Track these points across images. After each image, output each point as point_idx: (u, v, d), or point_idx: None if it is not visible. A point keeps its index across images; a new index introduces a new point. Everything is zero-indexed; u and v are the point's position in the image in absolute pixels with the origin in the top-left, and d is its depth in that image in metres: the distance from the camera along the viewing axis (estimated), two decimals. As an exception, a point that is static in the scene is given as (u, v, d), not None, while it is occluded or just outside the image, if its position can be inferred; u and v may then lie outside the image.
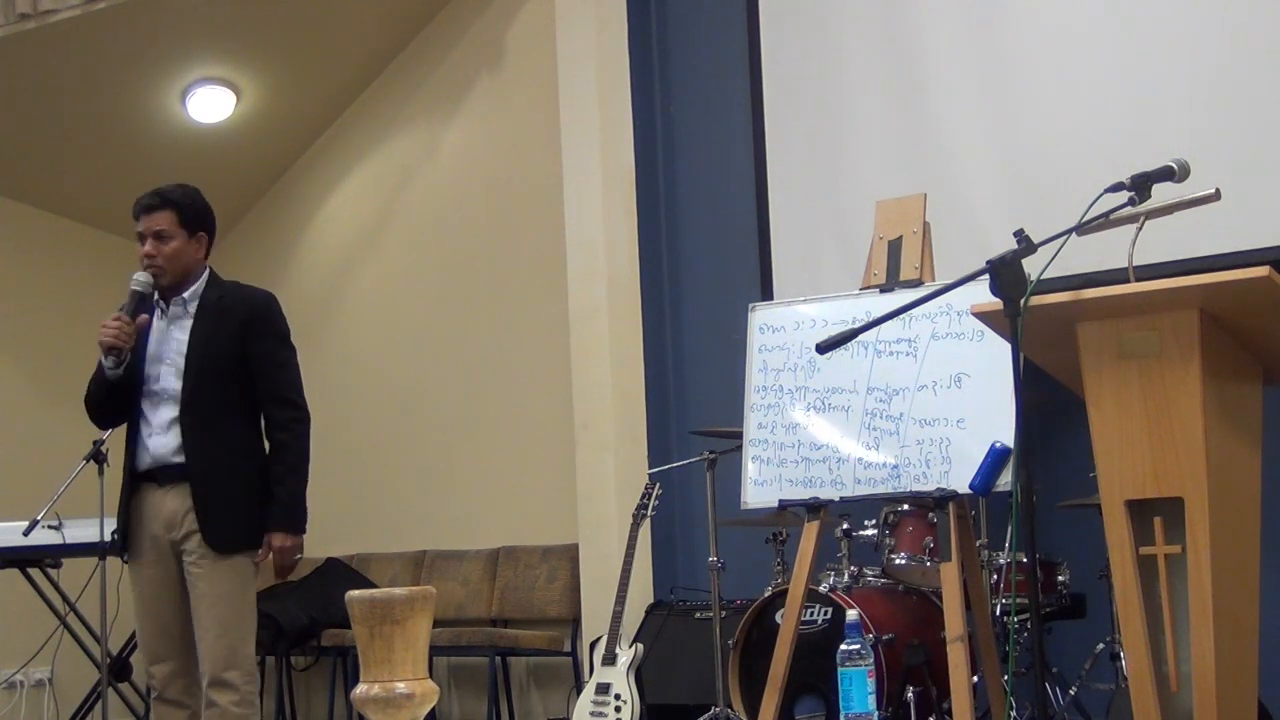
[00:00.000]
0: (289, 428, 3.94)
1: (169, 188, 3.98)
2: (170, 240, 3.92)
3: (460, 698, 6.71)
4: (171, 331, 3.95)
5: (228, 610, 3.85)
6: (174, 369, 3.91)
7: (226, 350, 3.92)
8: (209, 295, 3.99)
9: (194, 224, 3.96)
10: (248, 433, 3.96)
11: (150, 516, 3.92)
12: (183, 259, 3.94)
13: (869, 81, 5.54)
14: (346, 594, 2.49)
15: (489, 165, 6.99)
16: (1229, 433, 2.88)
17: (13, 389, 7.37)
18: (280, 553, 3.89)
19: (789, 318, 4.48)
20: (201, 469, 3.86)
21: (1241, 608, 2.91)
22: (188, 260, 3.96)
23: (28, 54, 6.62)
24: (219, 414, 3.91)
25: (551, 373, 6.43)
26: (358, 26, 7.09)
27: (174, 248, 3.92)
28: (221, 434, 3.90)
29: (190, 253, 3.96)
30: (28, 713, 6.93)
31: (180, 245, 3.93)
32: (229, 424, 3.92)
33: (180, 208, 3.94)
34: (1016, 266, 2.92)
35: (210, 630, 3.83)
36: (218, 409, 3.90)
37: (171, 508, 3.88)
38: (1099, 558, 4.03)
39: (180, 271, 3.95)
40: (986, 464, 3.89)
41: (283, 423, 3.95)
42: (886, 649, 4.36)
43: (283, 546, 3.89)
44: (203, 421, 3.88)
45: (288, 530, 3.90)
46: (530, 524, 6.61)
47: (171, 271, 3.93)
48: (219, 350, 3.92)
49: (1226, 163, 4.54)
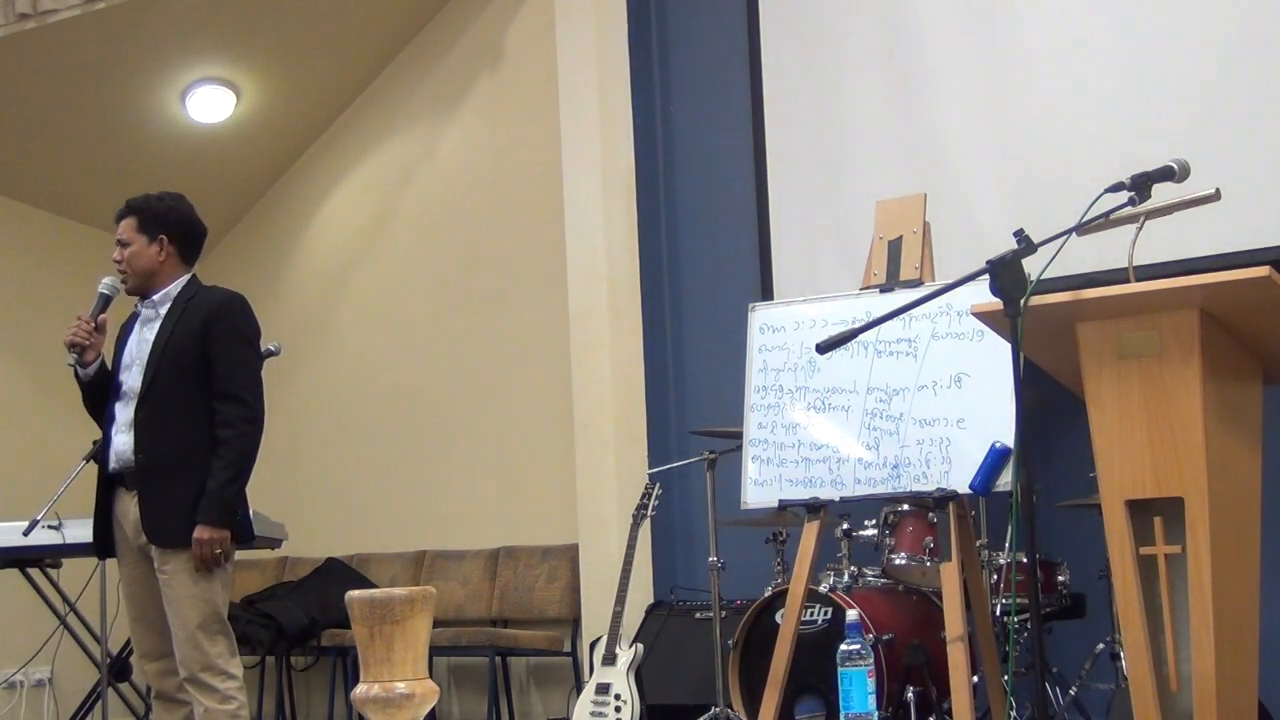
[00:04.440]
0: (233, 424, 3.94)
1: (139, 196, 4.12)
2: (129, 245, 4.05)
3: (460, 698, 6.71)
4: (143, 333, 4.06)
5: (190, 611, 3.84)
6: (140, 369, 3.99)
7: (188, 348, 3.96)
8: (181, 298, 4.06)
9: (153, 228, 4.06)
10: (197, 432, 3.94)
11: (122, 518, 3.99)
12: (140, 262, 4.05)
13: (869, 82, 5.54)
14: (346, 594, 2.49)
15: (489, 165, 6.98)
16: (1229, 433, 2.88)
17: (13, 389, 7.37)
18: (198, 543, 3.84)
19: (789, 318, 4.48)
20: (147, 466, 3.91)
21: (1241, 608, 2.90)
22: (146, 263, 4.05)
23: (28, 54, 6.62)
24: (173, 411, 3.94)
25: (551, 373, 6.43)
26: (358, 26, 7.09)
27: (132, 251, 4.05)
28: (172, 431, 3.92)
29: (150, 256, 4.05)
30: (28, 713, 6.93)
31: (138, 249, 4.05)
32: (181, 421, 3.94)
33: (139, 213, 4.07)
34: (1016, 266, 2.92)
35: (178, 633, 3.84)
36: (172, 406, 3.94)
37: (131, 508, 3.95)
38: (1099, 558, 4.03)
39: (141, 274, 4.06)
40: (986, 464, 3.89)
41: (228, 419, 3.94)
42: (886, 649, 4.35)
43: (200, 538, 3.84)
44: (156, 418, 3.93)
45: (209, 522, 3.85)
46: (530, 524, 6.61)
47: (133, 274, 4.06)
48: (180, 348, 3.97)
49: (1226, 163, 4.54)
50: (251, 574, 7.22)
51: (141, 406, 3.93)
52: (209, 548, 3.85)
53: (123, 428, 3.96)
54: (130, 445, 3.93)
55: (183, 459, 3.92)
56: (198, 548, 3.85)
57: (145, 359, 3.98)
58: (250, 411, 3.97)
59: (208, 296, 4.07)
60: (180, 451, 3.92)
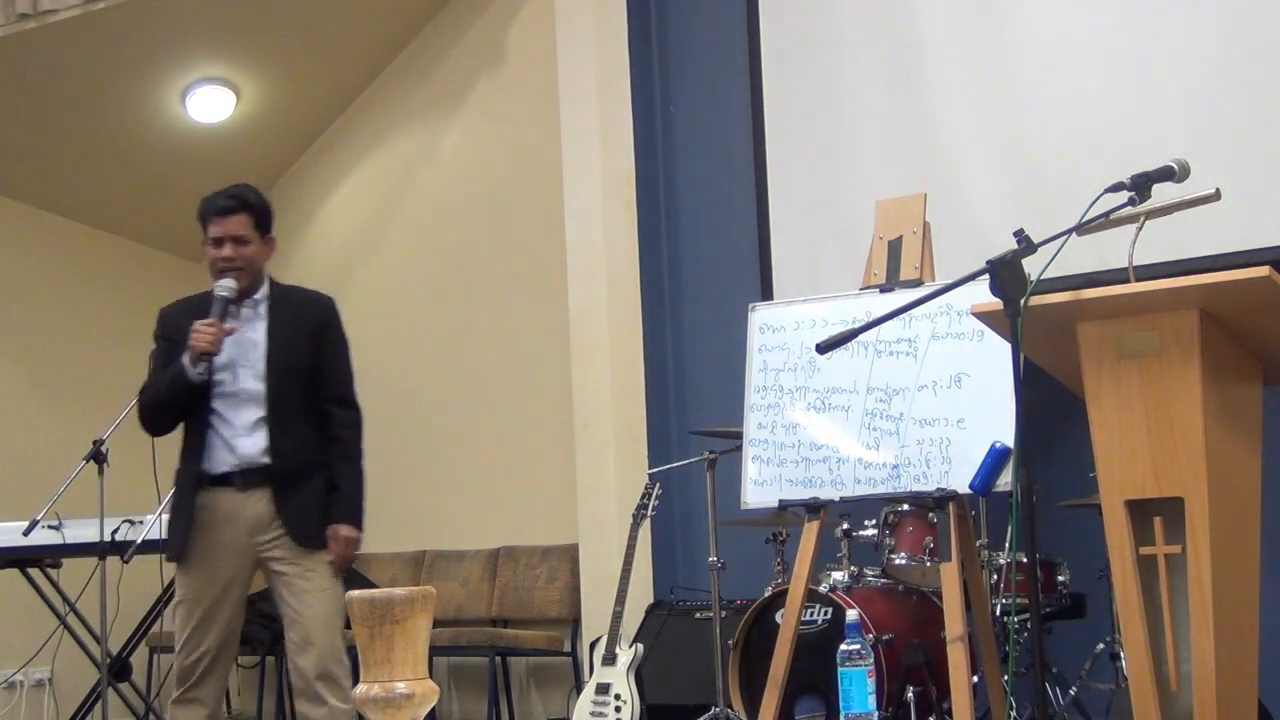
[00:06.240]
0: (351, 427, 4.04)
1: (241, 189, 3.99)
2: (248, 244, 3.94)
3: (460, 698, 6.71)
4: (245, 333, 3.95)
5: (331, 608, 3.89)
6: (252, 371, 3.93)
7: (302, 351, 3.98)
8: (275, 297, 4.03)
9: (264, 226, 4.00)
10: (315, 433, 4.00)
11: (225, 519, 3.91)
12: (259, 263, 3.99)
13: (869, 81, 5.54)
14: (346, 594, 2.49)
15: (489, 165, 6.99)
16: (1229, 433, 2.88)
17: (13, 389, 7.37)
18: (346, 544, 3.92)
19: (789, 318, 4.48)
20: (284, 470, 3.91)
21: (1242, 607, 2.90)
22: (262, 264, 4.00)
23: (28, 54, 6.62)
24: (296, 415, 3.95)
25: (551, 373, 6.43)
26: (358, 26, 7.09)
27: (252, 251, 3.95)
28: (298, 435, 3.95)
29: (264, 255, 4.00)
30: (28, 713, 6.93)
31: (257, 249, 3.96)
32: (303, 425, 3.97)
33: (256, 211, 3.97)
34: (1016, 266, 2.92)
35: (317, 625, 3.86)
36: (295, 410, 3.95)
37: (258, 510, 3.90)
38: (1099, 558, 4.03)
39: (256, 274, 3.99)
40: (986, 464, 3.89)
41: (347, 422, 4.03)
42: (886, 649, 4.35)
43: (349, 538, 3.93)
44: (284, 423, 3.92)
45: (354, 523, 3.95)
46: (530, 524, 6.61)
47: (249, 273, 3.95)
48: (296, 352, 3.97)
49: (1226, 163, 4.54)
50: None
51: (273, 412, 3.91)
52: (354, 547, 3.93)
53: (243, 430, 3.90)
54: (259, 448, 3.90)
55: (311, 461, 3.96)
56: (343, 548, 3.91)
57: (261, 362, 3.93)
58: (360, 414, 4.07)
59: (303, 296, 4.10)
60: (307, 453, 3.95)
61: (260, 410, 3.91)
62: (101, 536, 5.19)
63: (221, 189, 3.99)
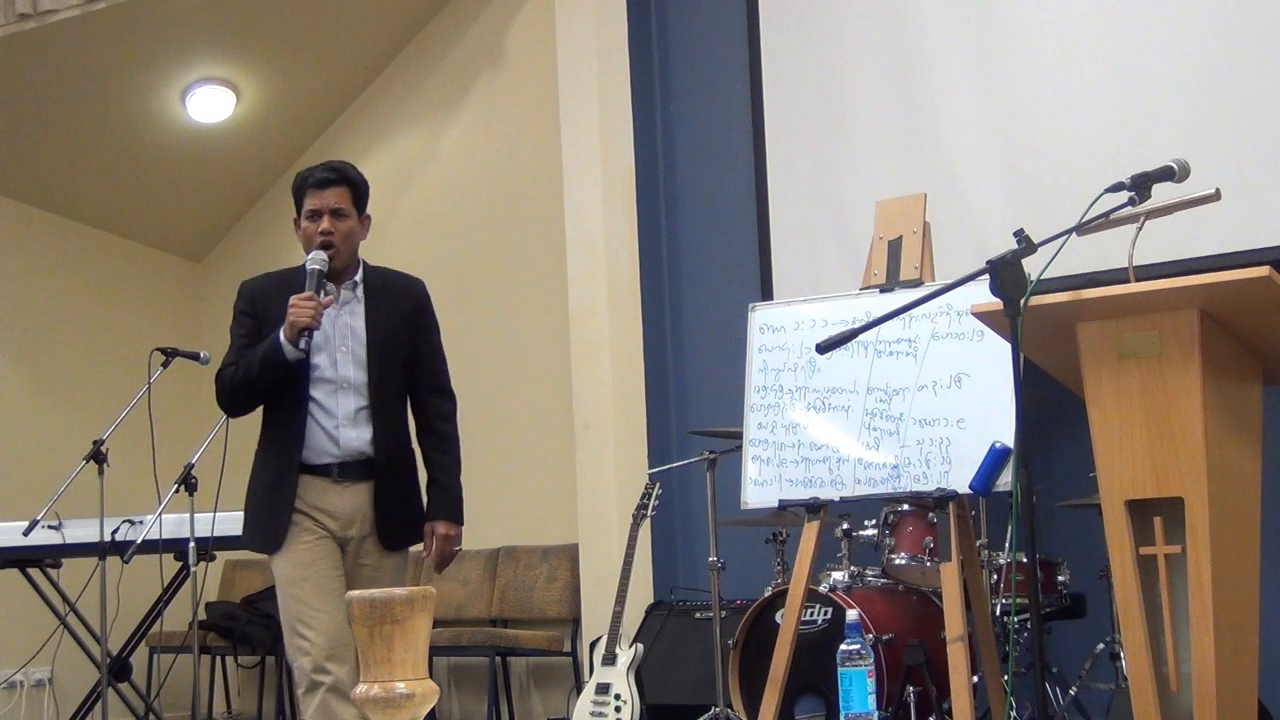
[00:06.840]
0: (450, 418, 3.88)
1: (340, 163, 3.80)
2: (347, 219, 3.74)
3: (460, 698, 6.71)
4: (342, 317, 3.75)
5: None
6: (351, 356, 3.74)
7: (400, 338, 3.80)
8: (371, 279, 3.83)
9: (362, 203, 3.80)
10: (406, 425, 3.86)
11: (324, 512, 3.70)
12: (355, 240, 3.78)
13: (869, 82, 5.54)
14: (346, 594, 2.49)
15: (489, 165, 6.99)
16: (1229, 433, 2.88)
17: (13, 389, 7.37)
18: (447, 540, 3.78)
19: (789, 318, 4.48)
20: (384, 464, 3.74)
21: (1241, 607, 2.90)
22: (357, 242, 3.80)
23: (28, 54, 6.62)
24: (395, 405, 3.81)
25: (551, 372, 6.43)
26: (358, 26, 7.09)
27: (349, 226, 3.75)
28: (396, 426, 3.80)
29: (360, 234, 3.80)
30: (28, 713, 6.93)
31: (354, 225, 3.76)
32: (401, 415, 3.83)
33: (355, 186, 3.77)
34: (1016, 266, 2.92)
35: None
36: (394, 400, 3.80)
37: (355, 504, 3.72)
38: (1099, 558, 4.03)
39: (352, 252, 3.78)
40: (986, 464, 3.89)
41: (445, 413, 3.88)
42: (886, 649, 4.36)
43: (449, 534, 3.79)
44: (385, 414, 3.75)
45: (454, 520, 3.81)
46: (530, 524, 6.61)
47: (345, 251, 3.74)
48: (395, 339, 3.79)
49: (1226, 163, 4.54)
50: (251, 574, 7.22)
51: (376, 402, 3.72)
52: (455, 543, 3.81)
53: (345, 420, 3.70)
54: (364, 440, 3.71)
55: (407, 455, 3.82)
56: (444, 545, 3.78)
57: (362, 348, 3.74)
58: (455, 403, 3.93)
59: (398, 279, 3.89)
60: (404, 447, 3.82)
61: (361, 400, 3.72)
62: (101, 536, 5.19)
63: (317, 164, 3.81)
